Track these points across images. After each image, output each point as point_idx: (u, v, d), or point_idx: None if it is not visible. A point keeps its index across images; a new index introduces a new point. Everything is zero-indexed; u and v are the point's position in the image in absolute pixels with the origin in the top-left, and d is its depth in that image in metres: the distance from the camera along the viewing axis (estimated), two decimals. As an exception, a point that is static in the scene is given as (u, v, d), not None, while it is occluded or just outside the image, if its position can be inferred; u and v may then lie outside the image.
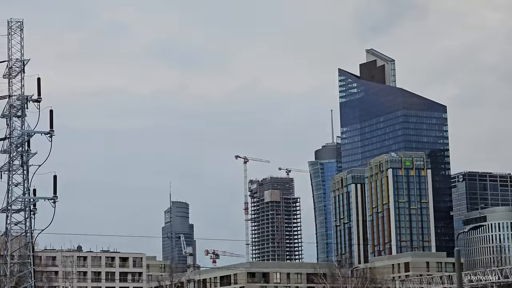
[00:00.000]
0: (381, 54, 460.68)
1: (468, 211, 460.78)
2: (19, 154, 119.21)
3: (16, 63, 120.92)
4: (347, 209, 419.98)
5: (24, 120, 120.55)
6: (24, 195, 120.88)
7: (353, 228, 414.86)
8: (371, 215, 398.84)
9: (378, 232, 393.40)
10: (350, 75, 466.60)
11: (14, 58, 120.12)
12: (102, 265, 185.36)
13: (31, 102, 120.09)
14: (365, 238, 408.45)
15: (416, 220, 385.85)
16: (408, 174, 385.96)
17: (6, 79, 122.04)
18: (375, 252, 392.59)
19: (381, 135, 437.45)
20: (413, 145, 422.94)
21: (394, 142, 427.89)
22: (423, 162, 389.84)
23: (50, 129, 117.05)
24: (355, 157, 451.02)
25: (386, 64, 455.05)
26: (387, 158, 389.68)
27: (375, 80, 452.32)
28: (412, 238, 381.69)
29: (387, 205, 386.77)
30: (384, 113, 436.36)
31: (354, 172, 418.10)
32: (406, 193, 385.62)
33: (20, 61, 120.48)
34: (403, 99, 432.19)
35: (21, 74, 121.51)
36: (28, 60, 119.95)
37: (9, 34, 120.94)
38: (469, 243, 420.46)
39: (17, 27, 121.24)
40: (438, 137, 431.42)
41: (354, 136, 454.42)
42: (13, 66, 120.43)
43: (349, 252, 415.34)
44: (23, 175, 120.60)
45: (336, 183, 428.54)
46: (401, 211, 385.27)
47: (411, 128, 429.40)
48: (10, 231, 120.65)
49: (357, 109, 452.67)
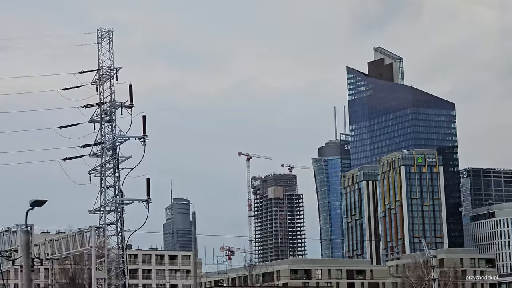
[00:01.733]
0: (389, 52, 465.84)
1: (473, 207, 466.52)
2: (113, 157, 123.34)
3: (106, 70, 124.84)
4: (358, 206, 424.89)
5: (115, 125, 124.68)
6: (116, 197, 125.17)
7: (365, 225, 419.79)
8: (383, 212, 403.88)
9: (390, 228, 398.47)
10: (358, 73, 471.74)
11: (106, 66, 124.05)
12: (153, 263, 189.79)
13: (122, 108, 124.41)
14: (377, 234, 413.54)
15: (428, 217, 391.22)
16: (421, 171, 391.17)
17: (94, 85, 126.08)
18: (388, 248, 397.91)
19: (390, 132, 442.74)
20: (422, 142, 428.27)
21: (404, 140, 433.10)
22: (435, 159, 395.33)
23: (143, 134, 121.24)
24: (364, 154, 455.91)
25: (394, 62, 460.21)
26: (400, 155, 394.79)
27: (383, 78, 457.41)
28: (425, 234, 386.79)
29: (400, 201, 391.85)
30: (393, 110, 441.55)
31: (366, 169, 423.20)
32: (419, 189, 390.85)
33: (110, 68, 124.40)
34: (412, 96, 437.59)
35: (111, 81, 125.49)
36: (120, 68, 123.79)
37: (99, 43, 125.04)
38: (478, 239, 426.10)
39: (106, 36, 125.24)
40: (447, 134, 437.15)
41: (363, 134, 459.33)
42: (103, 73, 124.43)
43: (360, 248, 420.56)
44: (114, 178, 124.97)
45: (347, 180, 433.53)
46: (414, 207, 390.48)
47: (420, 125, 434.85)
48: (105, 231, 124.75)
49: (366, 106, 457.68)
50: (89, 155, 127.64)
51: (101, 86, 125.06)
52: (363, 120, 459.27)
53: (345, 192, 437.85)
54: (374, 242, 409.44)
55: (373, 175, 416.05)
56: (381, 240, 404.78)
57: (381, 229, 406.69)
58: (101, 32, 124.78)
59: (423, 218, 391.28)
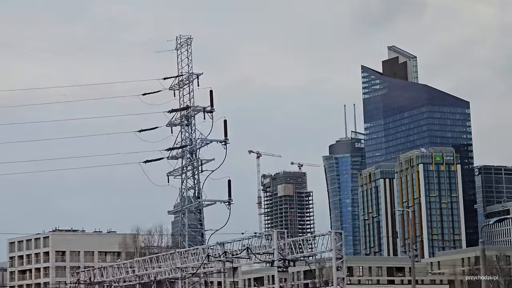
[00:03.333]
0: (403, 51, 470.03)
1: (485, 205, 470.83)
2: (195, 160, 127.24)
3: (186, 76, 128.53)
4: (375, 203, 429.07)
5: (195, 129, 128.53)
6: (196, 198, 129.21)
7: (382, 222, 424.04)
8: (401, 209, 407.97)
9: (408, 225, 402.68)
10: (373, 71, 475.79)
11: (186, 72, 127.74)
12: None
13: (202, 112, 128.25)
14: (394, 231, 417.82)
15: (446, 214, 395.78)
16: (439, 169, 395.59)
17: (172, 90, 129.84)
18: (406, 245, 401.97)
19: (405, 130, 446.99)
20: (437, 140, 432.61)
21: (419, 138, 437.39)
22: (453, 157, 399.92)
23: (225, 138, 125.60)
24: (379, 152, 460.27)
25: (408, 61, 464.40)
26: (418, 154, 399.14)
27: (397, 76, 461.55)
28: (443, 231, 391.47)
29: (418, 199, 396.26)
30: (409, 109, 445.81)
31: (383, 167, 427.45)
32: (437, 187, 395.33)
33: (191, 74, 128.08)
34: (428, 95, 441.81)
35: (190, 87, 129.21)
36: (200, 74, 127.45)
37: (178, 49, 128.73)
38: (493, 236, 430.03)
39: (185, 42, 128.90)
40: (462, 132, 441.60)
41: (377, 132, 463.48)
42: (183, 79, 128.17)
43: (378, 245, 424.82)
44: (194, 180, 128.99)
45: (363, 178, 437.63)
46: (432, 205, 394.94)
47: (435, 123, 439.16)
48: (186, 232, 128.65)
49: (381, 105, 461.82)
50: (167, 157, 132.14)
51: (181, 91, 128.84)
52: (378, 118, 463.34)
53: (361, 190, 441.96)
54: (391, 239, 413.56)
55: (391, 173, 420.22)
56: (398, 237, 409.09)
57: (399, 226, 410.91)
58: (180, 39, 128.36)
59: (441, 216, 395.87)
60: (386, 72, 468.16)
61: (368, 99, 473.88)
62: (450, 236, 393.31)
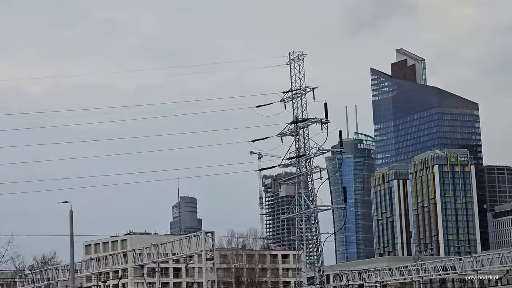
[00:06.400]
0: (411, 54, 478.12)
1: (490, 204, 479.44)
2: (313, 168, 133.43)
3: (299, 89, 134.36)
4: (389, 204, 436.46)
5: (308, 139, 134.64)
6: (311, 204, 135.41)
7: (396, 222, 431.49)
8: (416, 210, 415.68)
9: (424, 225, 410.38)
10: (382, 74, 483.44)
11: (302, 86, 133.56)
12: (267, 262, 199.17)
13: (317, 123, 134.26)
14: (407, 231, 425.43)
15: (461, 214, 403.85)
16: (453, 170, 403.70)
17: (283, 103, 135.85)
18: (421, 245, 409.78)
19: (415, 132, 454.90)
20: (447, 142, 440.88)
21: (429, 139, 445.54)
22: (467, 158, 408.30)
23: (340, 147, 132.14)
24: (389, 154, 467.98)
25: (416, 63, 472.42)
26: (432, 155, 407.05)
27: (406, 79, 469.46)
28: (458, 231, 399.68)
29: (434, 200, 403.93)
30: (418, 111, 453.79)
31: (396, 168, 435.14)
32: (452, 188, 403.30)
33: (303, 88, 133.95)
34: (437, 97, 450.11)
35: (302, 99, 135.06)
36: (316, 87, 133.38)
37: (290, 64, 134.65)
38: (501, 235, 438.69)
39: (297, 58, 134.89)
40: (471, 133, 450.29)
41: (387, 133, 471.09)
42: (297, 92, 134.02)
43: (392, 245, 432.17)
44: (307, 186, 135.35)
45: (377, 179, 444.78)
46: (447, 205, 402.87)
47: (445, 125, 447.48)
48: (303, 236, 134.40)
49: (390, 107, 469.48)
50: (279, 165, 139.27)
51: (294, 103, 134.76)
52: (387, 120, 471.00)
53: (374, 190, 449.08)
54: (406, 239, 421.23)
55: (404, 174, 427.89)
56: (413, 237, 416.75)
57: (413, 226, 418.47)
58: (293, 54, 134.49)
59: (456, 216, 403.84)
60: (395, 75, 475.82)
61: (378, 101, 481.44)
62: (465, 236, 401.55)
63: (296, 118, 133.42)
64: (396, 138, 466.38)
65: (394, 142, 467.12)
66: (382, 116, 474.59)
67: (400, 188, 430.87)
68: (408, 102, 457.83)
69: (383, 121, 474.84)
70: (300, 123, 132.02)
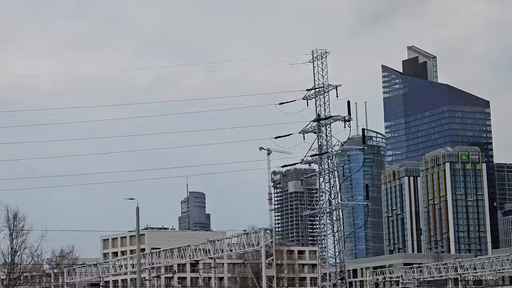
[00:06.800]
0: (422, 51, 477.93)
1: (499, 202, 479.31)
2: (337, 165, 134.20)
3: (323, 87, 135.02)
4: (400, 201, 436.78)
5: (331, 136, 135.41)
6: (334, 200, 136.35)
7: (406, 219, 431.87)
8: (427, 207, 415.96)
9: (434, 223, 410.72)
10: (393, 71, 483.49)
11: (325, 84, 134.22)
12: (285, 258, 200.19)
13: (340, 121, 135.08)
14: (418, 228, 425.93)
15: (472, 212, 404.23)
16: (465, 167, 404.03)
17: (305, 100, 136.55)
18: (432, 242, 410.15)
19: (426, 129, 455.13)
20: (458, 139, 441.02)
21: (440, 137, 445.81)
22: (478, 156, 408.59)
23: (363, 145, 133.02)
24: (400, 151, 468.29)
25: (428, 61, 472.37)
26: (444, 152, 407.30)
27: (418, 76, 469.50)
28: (469, 228, 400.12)
29: (445, 197, 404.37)
30: (429, 108, 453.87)
31: (407, 165, 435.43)
32: (463, 185, 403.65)
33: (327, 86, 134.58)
34: (448, 94, 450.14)
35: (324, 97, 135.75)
36: (339, 85, 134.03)
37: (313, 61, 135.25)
38: (509, 233, 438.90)
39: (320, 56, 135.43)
40: (482, 131, 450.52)
41: (398, 131, 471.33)
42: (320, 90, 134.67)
43: (402, 241, 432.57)
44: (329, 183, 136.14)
45: (387, 176, 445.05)
46: (458, 203, 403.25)
47: (456, 122, 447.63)
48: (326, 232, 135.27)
49: (401, 104, 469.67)
50: (301, 162, 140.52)
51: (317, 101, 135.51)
52: (398, 117, 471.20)
53: (385, 187, 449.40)
54: (416, 236, 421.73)
55: (415, 171, 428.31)
56: (423, 234, 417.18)
57: (424, 223, 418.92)
58: (316, 52, 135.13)
59: (467, 213, 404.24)
60: (407, 72, 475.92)
61: (388, 98, 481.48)
62: (475, 233, 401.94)
63: (318, 116, 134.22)
64: (406, 136, 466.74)
65: (404, 139, 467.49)
66: (393, 113, 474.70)
67: (411, 185, 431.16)
68: (419, 99, 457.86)
69: (394, 118, 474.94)
70: (323, 120, 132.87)
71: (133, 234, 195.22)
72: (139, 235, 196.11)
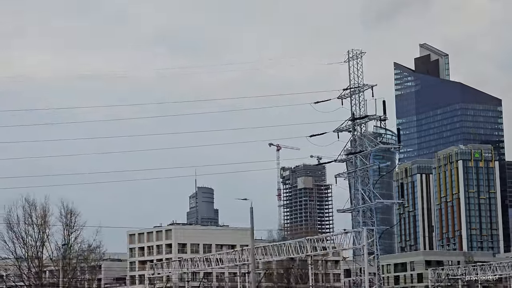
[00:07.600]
0: (434, 49, 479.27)
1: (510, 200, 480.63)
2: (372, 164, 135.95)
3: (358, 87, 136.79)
4: (412, 198, 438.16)
5: (365, 135, 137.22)
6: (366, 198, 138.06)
7: (418, 216, 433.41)
8: (439, 204, 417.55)
9: (447, 220, 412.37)
10: (405, 68, 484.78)
11: (361, 83, 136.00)
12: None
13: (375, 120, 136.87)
14: (430, 225, 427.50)
15: (485, 210, 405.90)
16: (477, 165, 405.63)
17: (340, 99, 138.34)
18: (444, 239, 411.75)
19: (438, 127, 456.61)
20: (470, 137, 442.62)
21: (452, 134, 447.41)
22: (491, 154, 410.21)
23: (398, 143, 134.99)
24: (412, 148, 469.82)
25: (440, 59, 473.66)
26: (457, 150, 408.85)
27: (430, 74, 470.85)
28: (481, 226, 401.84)
29: (457, 194, 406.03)
30: (441, 106, 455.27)
31: (419, 163, 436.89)
32: (476, 183, 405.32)
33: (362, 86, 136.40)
34: (461, 92, 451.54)
35: (359, 96, 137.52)
36: (375, 85, 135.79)
37: (349, 61, 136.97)
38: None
39: (355, 56, 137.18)
40: (494, 129, 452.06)
41: (410, 128, 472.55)
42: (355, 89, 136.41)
43: (414, 238, 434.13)
44: (364, 181, 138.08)
45: (399, 173, 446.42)
46: (471, 200, 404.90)
47: (468, 120, 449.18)
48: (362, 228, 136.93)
49: (413, 101, 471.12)
50: (335, 160, 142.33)
51: (352, 100, 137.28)
52: (410, 114, 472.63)
53: (397, 184, 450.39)
54: (428, 233, 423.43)
55: (428, 168, 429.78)
56: (435, 231, 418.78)
57: (436, 221, 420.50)
58: (352, 52, 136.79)
59: (480, 211, 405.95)
60: (419, 70, 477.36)
61: (400, 95, 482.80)
62: (487, 231, 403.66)
63: (353, 115, 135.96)
64: (418, 133, 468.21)
65: (416, 136, 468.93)
66: (405, 111, 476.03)
67: (423, 182, 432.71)
68: (431, 97, 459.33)
69: (405, 116, 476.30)
70: (359, 120, 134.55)
71: (160, 230, 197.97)
72: (166, 230, 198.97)
